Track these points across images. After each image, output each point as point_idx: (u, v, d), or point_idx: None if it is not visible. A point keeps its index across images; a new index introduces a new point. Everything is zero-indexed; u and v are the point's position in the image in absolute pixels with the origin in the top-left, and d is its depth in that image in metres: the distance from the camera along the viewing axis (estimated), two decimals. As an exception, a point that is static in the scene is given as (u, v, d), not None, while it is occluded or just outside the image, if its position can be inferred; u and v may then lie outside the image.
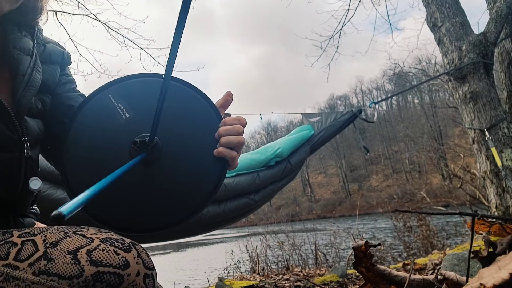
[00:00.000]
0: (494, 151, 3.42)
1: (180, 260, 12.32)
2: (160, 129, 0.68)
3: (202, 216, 2.47)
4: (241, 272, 4.79)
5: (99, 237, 0.60)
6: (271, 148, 3.01)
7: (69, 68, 0.94)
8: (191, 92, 0.77)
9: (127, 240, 0.62)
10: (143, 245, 0.64)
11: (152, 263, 0.63)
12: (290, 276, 3.28)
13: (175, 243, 16.32)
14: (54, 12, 6.08)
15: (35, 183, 0.74)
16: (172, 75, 0.61)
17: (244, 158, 2.88)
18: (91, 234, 0.61)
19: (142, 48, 6.75)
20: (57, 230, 0.62)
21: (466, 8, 4.03)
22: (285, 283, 2.86)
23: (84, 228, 0.64)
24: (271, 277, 3.39)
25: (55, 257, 0.57)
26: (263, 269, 4.50)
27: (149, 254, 0.65)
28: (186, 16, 0.48)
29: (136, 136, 0.72)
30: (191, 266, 10.20)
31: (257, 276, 3.82)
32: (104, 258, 0.57)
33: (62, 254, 0.57)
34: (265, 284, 2.79)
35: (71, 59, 0.93)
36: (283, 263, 4.84)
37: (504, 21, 3.69)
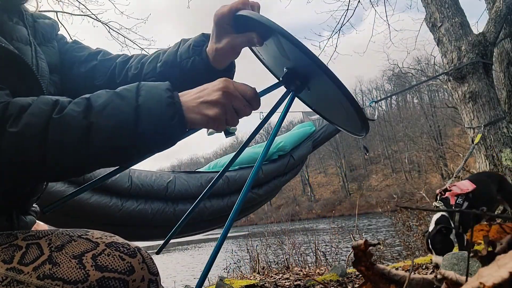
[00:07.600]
0: (479, 136, 3.43)
1: (180, 260, 12.32)
2: None
3: (204, 210, 2.46)
4: (241, 272, 4.79)
5: (104, 242, 0.60)
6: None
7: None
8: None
9: (132, 245, 0.61)
10: (144, 245, 0.65)
11: (157, 268, 0.63)
12: (290, 275, 3.29)
13: (175, 243, 16.32)
14: (55, 13, 6.08)
15: None
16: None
17: (246, 152, 2.87)
18: (97, 238, 0.61)
19: (143, 49, 6.77)
20: (62, 234, 0.62)
21: (465, 8, 4.04)
22: (285, 282, 2.87)
23: (89, 231, 0.63)
24: (271, 276, 3.40)
25: (60, 261, 0.57)
26: (263, 268, 4.50)
27: (149, 253, 0.65)
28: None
29: None
30: (191, 265, 10.20)
31: (257, 275, 3.82)
32: (109, 263, 0.57)
33: (67, 258, 0.57)
34: (265, 283, 2.80)
35: (59, 25, 0.90)
36: (283, 262, 4.85)
37: (503, 21, 3.70)
